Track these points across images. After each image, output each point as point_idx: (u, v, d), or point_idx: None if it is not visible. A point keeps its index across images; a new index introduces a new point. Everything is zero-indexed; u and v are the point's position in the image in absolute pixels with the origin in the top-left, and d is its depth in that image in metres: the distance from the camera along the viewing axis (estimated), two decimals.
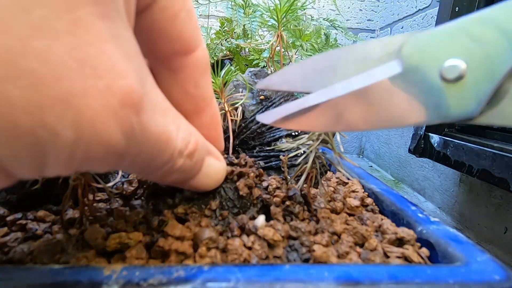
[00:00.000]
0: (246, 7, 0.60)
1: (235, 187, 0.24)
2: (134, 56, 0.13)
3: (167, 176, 0.18)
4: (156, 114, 0.15)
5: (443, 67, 0.15)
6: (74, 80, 0.11)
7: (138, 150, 0.14)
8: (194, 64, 0.18)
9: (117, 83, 0.12)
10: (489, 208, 0.74)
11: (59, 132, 0.11)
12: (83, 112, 0.11)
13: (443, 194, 0.93)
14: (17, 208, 0.24)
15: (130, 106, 0.12)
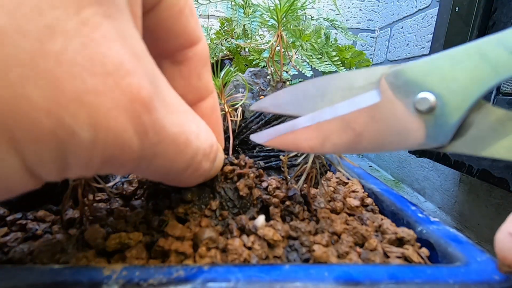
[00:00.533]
0: (246, 7, 0.60)
1: (235, 188, 0.24)
2: (142, 56, 0.13)
3: (191, 180, 0.18)
4: (172, 114, 0.15)
5: (416, 99, 0.16)
6: (86, 78, 0.11)
7: (153, 151, 0.14)
8: (197, 57, 0.19)
9: (125, 80, 0.12)
10: (489, 208, 0.74)
11: (77, 131, 0.11)
12: (96, 109, 0.11)
13: (443, 194, 0.93)
14: (17, 208, 0.24)
15: (140, 103, 0.12)
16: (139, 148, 0.13)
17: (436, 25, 0.77)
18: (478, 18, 0.72)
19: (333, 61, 0.61)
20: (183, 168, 0.16)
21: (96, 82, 0.11)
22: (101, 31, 0.11)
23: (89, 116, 0.11)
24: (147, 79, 0.13)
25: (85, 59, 0.11)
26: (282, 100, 0.19)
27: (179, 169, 0.16)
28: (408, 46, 1.19)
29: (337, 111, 0.18)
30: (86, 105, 0.11)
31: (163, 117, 0.14)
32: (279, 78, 0.37)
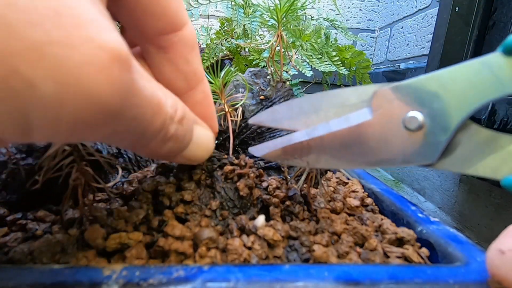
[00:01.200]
0: (246, 7, 0.60)
1: (235, 187, 0.24)
2: (110, 19, 0.13)
3: (161, 147, 0.17)
4: (143, 78, 0.14)
5: (405, 118, 0.17)
6: (49, 29, 0.10)
7: (132, 113, 0.13)
8: (183, 41, 0.19)
9: (104, 35, 0.11)
10: (489, 208, 0.74)
11: (36, 84, 0.10)
12: (62, 62, 0.10)
13: (443, 194, 0.93)
14: (17, 208, 0.24)
15: (120, 61, 0.12)
16: (118, 108, 0.12)
17: (436, 25, 0.77)
18: (478, 18, 0.72)
19: (333, 61, 0.61)
20: (155, 132, 0.16)
21: (63, 34, 0.10)
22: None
23: (51, 68, 0.10)
24: (121, 38, 0.12)
25: (49, 9, 0.10)
26: (279, 115, 0.20)
27: (152, 133, 0.16)
28: (408, 46, 1.19)
29: (331, 128, 0.18)
30: (48, 56, 0.10)
31: (139, 78, 0.14)
32: (279, 78, 0.37)
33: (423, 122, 0.17)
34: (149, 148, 0.17)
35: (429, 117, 0.16)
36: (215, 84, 0.31)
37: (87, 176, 0.21)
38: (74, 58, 0.10)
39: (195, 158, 0.21)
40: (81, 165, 0.21)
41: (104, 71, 0.11)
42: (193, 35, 0.19)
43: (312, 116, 0.19)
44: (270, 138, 0.34)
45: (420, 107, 0.17)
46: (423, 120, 0.16)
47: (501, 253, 0.15)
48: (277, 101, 0.35)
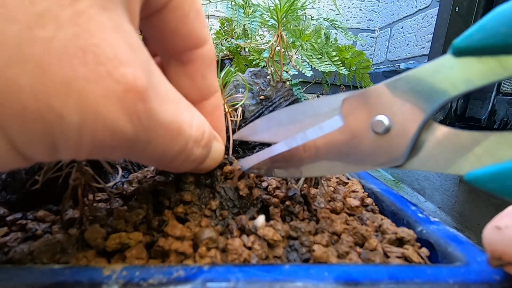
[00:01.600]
0: (246, 7, 0.60)
1: (235, 187, 0.24)
2: (137, 48, 0.13)
3: (184, 166, 0.18)
4: (166, 103, 0.15)
5: (373, 122, 0.18)
6: (76, 66, 0.11)
7: (147, 138, 0.14)
8: (202, 58, 0.20)
9: (120, 70, 0.12)
10: (489, 208, 0.74)
11: (65, 116, 0.11)
12: (85, 95, 0.12)
13: (443, 194, 0.93)
14: (17, 208, 0.24)
15: (135, 93, 0.13)
16: (132, 135, 0.13)
17: (436, 25, 0.78)
18: (478, 18, 0.72)
19: (333, 61, 0.61)
20: (176, 154, 0.17)
21: (87, 70, 0.11)
22: (95, 22, 0.12)
23: (77, 101, 0.11)
24: (142, 70, 0.13)
25: (77, 49, 0.11)
26: (259, 129, 0.21)
27: (172, 155, 0.17)
28: (408, 46, 1.19)
29: (308, 137, 0.19)
30: (74, 91, 0.11)
31: (157, 106, 0.14)
32: (279, 78, 0.37)
33: (389, 125, 0.17)
34: (171, 167, 0.18)
35: (393, 120, 0.17)
36: None
37: (87, 176, 0.21)
38: (95, 92, 0.12)
39: (206, 169, 0.22)
40: (81, 165, 0.21)
41: (119, 102, 0.12)
42: (213, 52, 0.20)
43: (290, 126, 0.21)
44: None
45: (385, 111, 0.17)
46: (389, 123, 0.17)
47: (497, 229, 0.15)
48: (277, 101, 0.35)
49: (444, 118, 0.78)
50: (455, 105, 0.77)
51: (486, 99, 0.71)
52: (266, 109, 0.35)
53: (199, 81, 0.20)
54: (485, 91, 0.71)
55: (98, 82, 0.12)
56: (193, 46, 0.19)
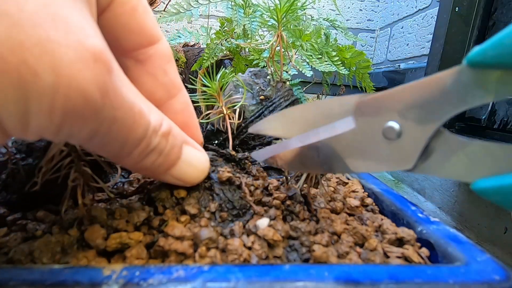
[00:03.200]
0: (246, 7, 0.60)
1: (234, 189, 0.23)
2: (99, 32, 0.15)
3: (144, 159, 0.18)
4: (128, 87, 0.16)
5: (384, 127, 0.18)
6: (48, 30, 0.12)
7: (113, 115, 0.15)
8: (159, 54, 0.21)
9: (89, 40, 0.13)
10: (489, 208, 0.74)
11: (39, 73, 0.12)
12: (59, 57, 0.12)
13: (443, 194, 0.93)
14: (17, 208, 0.24)
15: (102, 63, 0.14)
16: (100, 105, 0.14)
17: (436, 25, 0.77)
18: (478, 18, 0.72)
19: (333, 61, 0.61)
20: (137, 141, 0.17)
21: (59, 35, 0.12)
22: (62, 1, 0.13)
23: (51, 62, 0.12)
24: (107, 48, 0.15)
25: (47, 14, 0.12)
26: (274, 124, 0.22)
27: (134, 140, 0.17)
28: (408, 46, 1.19)
29: (320, 135, 0.20)
30: (49, 52, 0.12)
31: (121, 85, 0.15)
32: (279, 78, 0.37)
33: (400, 131, 0.18)
34: (132, 158, 0.18)
35: (405, 127, 0.18)
36: (212, 87, 0.31)
37: (86, 176, 0.21)
38: (68, 56, 0.13)
39: (186, 178, 0.22)
40: (79, 165, 0.21)
41: (90, 69, 0.13)
42: (168, 48, 0.21)
43: (303, 124, 0.21)
44: (270, 138, 0.34)
45: (397, 117, 0.18)
46: (400, 129, 0.18)
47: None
48: (277, 101, 0.35)
49: None
50: None
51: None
52: (266, 109, 0.35)
53: (162, 77, 0.21)
54: None
55: (70, 47, 0.13)
56: (147, 43, 0.20)
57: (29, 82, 0.12)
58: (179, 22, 0.65)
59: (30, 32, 0.12)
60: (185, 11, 0.63)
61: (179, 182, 0.22)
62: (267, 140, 0.34)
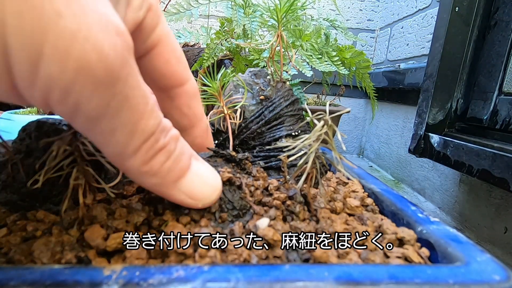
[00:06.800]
0: (246, 7, 0.60)
1: (234, 189, 0.23)
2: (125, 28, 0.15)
3: (152, 159, 0.17)
4: (142, 79, 0.16)
5: None
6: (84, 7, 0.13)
7: (126, 92, 0.15)
8: (186, 92, 0.24)
9: (116, 19, 0.14)
10: (489, 208, 0.74)
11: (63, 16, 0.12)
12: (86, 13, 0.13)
13: (443, 194, 0.93)
14: (17, 208, 0.24)
15: (125, 40, 0.14)
16: (115, 74, 0.14)
17: (436, 25, 0.77)
18: (478, 18, 0.72)
19: (333, 61, 0.61)
20: (147, 132, 0.17)
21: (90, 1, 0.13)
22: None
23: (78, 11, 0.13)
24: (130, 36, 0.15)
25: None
26: None
27: (143, 131, 0.16)
28: (408, 46, 1.19)
29: None
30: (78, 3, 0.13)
31: (137, 71, 0.16)
32: (279, 78, 0.37)
33: None
34: (139, 157, 0.17)
35: None
36: (213, 87, 0.31)
37: (87, 176, 0.21)
38: (94, 18, 0.13)
39: (197, 194, 0.20)
40: (81, 165, 0.21)
41: (112, 37, 0.14)
42: (195, 87, 0.25)
43: None
44: (270, 138, 0.34)
45: None
46: None
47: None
48: (277, 101, 0.35)
49: (444, 118, 0.78)
50: (455, 105, 0.77)
51: (488, 99, 0.71)
52: (266, 109, 0.35)
53: (186, 111, 0.25)
54: (487, 91, 0.71)
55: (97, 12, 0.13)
56: (177, 85, 0.23)
57: (51, 21, 0.12)
58: (179, 22, 0.65)
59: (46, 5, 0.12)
60: (185, 11, 0.63)
61: (190, 201, 0.20)
62: (267, 140, 0.34)
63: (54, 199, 0.24)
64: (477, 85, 0.74)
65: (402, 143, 1.20)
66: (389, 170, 1.29)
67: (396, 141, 1.25)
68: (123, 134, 0.16)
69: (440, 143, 0.72)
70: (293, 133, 0.34)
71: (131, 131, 0.16)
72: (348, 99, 1.55)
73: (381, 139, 1.40)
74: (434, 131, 0.77)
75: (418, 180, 1.06)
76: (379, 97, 0.98)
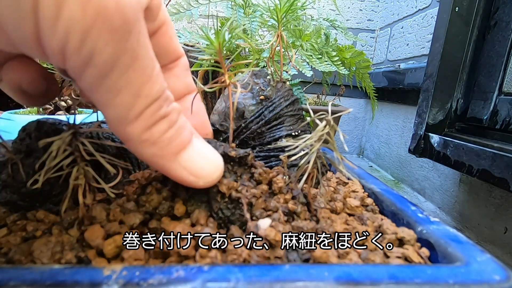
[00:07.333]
0: (246, 7, 0.60)
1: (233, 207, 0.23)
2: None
3: (154, 126, 0.17)
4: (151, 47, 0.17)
5: None
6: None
7: (136, 51, 0.16)
8: (183, 64, 0.27)
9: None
10: (489, 208, 0.74)
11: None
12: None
13: (443, 194, 0.93)
14: (17, 208, 0.24)
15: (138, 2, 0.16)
16: (130, 26, 0.15)
17: (436, 25, 0.77)
18: (478, 18, 0.72)
19: (333, 61, 0.61)
20: (151, 97, 0.17)
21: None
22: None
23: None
24: None
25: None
26: None
27: (148, 96, 0.17)
28: (408, 46, 1.19)
29: None
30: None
31: (147, 35, 0.17)
32: (279, 78, 0.37)
33: None
34: (141, 122, 0.17)
35: None
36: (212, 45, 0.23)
37: (87, 176, 0.21)
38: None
39: (198, 170, 0.20)
40: (81, 165, 0.21)
41: None
42: (187, 61, 0.28)
43: None
44: (270, 138, 0.34)
45: None
46: None
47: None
48: (277, 101, 0.35)
49: (444, 118, 0.77)
50: (455, 105, 0.77)
51: (488, 99, 0.71)
52: (266, 109, 0.35)
53: (184, 79, 0.28)
54: (487, 91, 0.71)
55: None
56: (177, 58, 0.27)
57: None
58: (179, 22, 0.65)
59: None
60: (185, 11, 0.63)
61: (191, 177, 0.20)
62: (267, 140, 0.34)
63: (54, 199, 0.24)
64: (477, 85, 0.74)
65: (402, 143, 1.20)
66: (389, 170, 1.29)
67: (396, 141, 1.25)
68: (128, 95, 0.16)
69: (440, 143, 0.72)
70: (293, 133, 0.34)
71: (137, 92, 0.16)
72: (348, 99, 1.55)
73: (381, 139, 1.40)
74: (434, 131, 0.77)
75: (418, 180, 1.06)
76: (379, 97, 0.98)
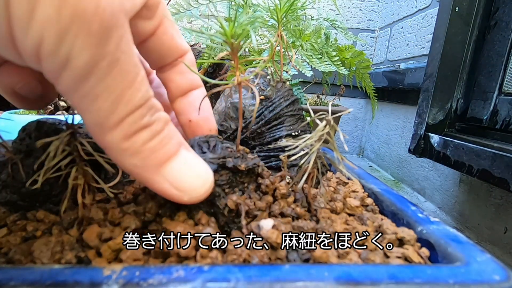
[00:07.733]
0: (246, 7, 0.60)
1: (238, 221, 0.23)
2: None
3: (134, 135, 0.16)
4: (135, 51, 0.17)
5: None
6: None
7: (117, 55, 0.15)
8: (189, 59, 0.27)
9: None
10: (489, 208, 0.74)
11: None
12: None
13: (443, 194, 0.93)
14: (17, 208, 0.24)
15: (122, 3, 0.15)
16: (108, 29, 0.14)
17: (436, 25, 0.77)
18: (478, 18, 0.72)
19: (333, 61, 0.61)
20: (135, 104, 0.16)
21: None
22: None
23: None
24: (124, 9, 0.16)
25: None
26: None
27: (129, 103, 0.16)
28: (408, 46, 1.19)
29: None
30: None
31: (131, 40, 0.16)
32: (279, 78, 0.37)
33: None
34: (121, 130, 0.16)
35: None
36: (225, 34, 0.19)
37: (87, 176, 0.21)
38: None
39: (182, 184, 0.18)
40: (80, 165, 0.21)
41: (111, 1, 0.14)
42: (193, 55, 0.28)
43: None
44: (270, 138, 0.34)
45: None
46: None
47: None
48: (277, 101, 0.35)
49: (444, 118, 0.77)
50: (455, 105, 0.77)
51: (488, 99, 0.71)
52: (266, 109, 0.35)
53: (188, 75, 0.27)
54: (487, 91, 0.71)
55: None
56: (182, 54, 0.26)
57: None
58: (179, 22, 0.65)
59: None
60: (185, 11, 0.63)
61: (174, 191, 0.18)
62: (267, 140, 0.34)
63: (54, 199, 0.24)
64: (477, 85, 0.74)
65: (402, 143, 1.20)
66: (389, 170, 1.29)
67: (396, 141, 1.25)
68: (108, 101, 0.15)
69: (440, 143, 0.72)
70: (293, 133, 0.34)
71: (117, 99, 0.15)
72: (348, 99, 1.55)
73: (381, 139, 1.40)
74: (434, 131, 0.77)
75: (418, 180, 1.06)
76: (379, 97, 0.98)
